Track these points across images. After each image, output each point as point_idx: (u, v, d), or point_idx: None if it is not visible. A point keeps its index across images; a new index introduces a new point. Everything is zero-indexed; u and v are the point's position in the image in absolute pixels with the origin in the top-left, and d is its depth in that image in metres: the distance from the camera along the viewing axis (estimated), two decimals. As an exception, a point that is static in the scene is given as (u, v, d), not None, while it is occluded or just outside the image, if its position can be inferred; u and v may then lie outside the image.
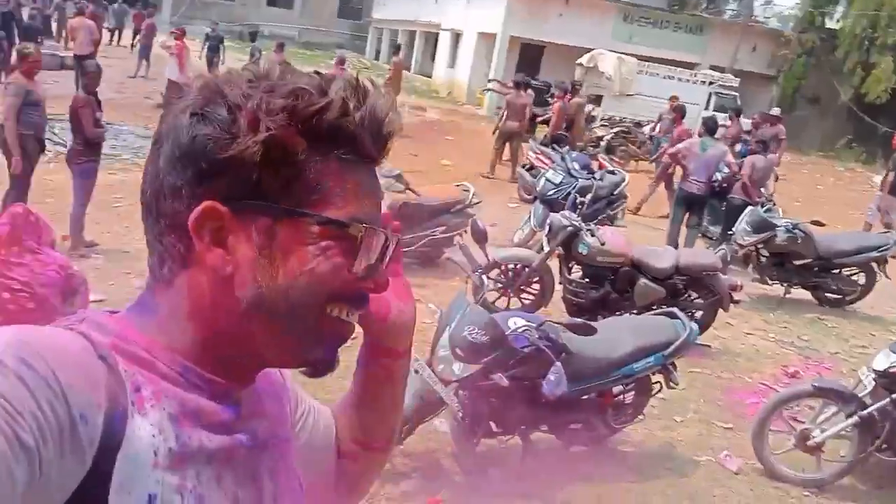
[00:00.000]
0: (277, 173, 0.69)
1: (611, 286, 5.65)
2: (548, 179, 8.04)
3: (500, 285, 6.15)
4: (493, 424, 3.71)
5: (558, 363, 3.47)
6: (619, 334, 3.93)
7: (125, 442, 0.62)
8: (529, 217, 7.85)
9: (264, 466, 0.80)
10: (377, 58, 33.31)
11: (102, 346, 0.65)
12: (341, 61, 13.49)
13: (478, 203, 7.21)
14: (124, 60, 17.68)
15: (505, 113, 12.66)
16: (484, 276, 3.83)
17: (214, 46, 16.53)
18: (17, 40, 13.49)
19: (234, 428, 0.75)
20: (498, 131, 12.68)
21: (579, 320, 3.59)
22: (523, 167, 10.20)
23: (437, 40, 27.90)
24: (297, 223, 0.70)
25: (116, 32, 22.30)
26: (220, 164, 0.68)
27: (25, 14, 17.45)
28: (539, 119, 14.07)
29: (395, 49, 18.12)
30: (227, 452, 0.74)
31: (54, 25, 20.87)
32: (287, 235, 0.70)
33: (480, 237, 3.87)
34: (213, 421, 0.73)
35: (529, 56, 23.98)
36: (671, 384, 4.06)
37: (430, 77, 27.80)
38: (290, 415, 0.92)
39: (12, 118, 5.92)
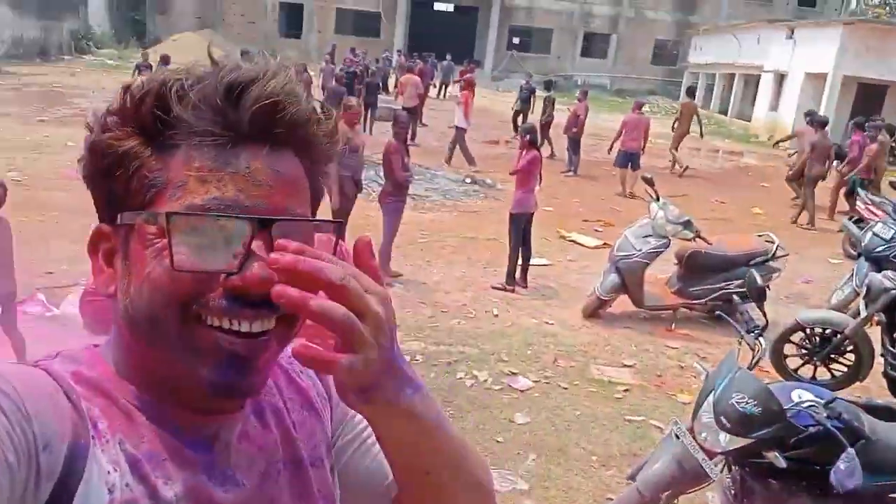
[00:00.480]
0: (116, 179, 0.65)
1: (947, 365, 4.64)
2: (875, 234, 6.92)
3: (804, 352, 5.40)
4: (771, 510, 3.21)
5: (851, 450, 2.89)
6: (944, 425, 3.16)
7: (86, 476, 0.60)
8: (852, 276, 6.82)
9: (263, 500, 0.73)
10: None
11: (65, 380, 0.64)
12: (639, 105, 13.25)
13: (784, 256, 6.46)
14: (450, 112, 19.42)
15: (809, 156, 11.38)
16: (761, 339, 3.36)
17: (526, 98, 17.30)
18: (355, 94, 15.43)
19: (210, 467, 0.69)
20: (804, 178, 11.46)
21: (882, 402, 2.96)
22: (850, 219, 8.96)
23: (758, 82, 26.10)
24: (140, 227, 0.64)
25: (443, 86, 24.57)
26: (87, 185, 0.69)
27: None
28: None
29: (689, 91, 17.45)
30: (198, 494, 0.67)
31: (392, 81, 23.70)
32: (134, 242, 0.65)
33: (757, 294, 3.42)
34: (178, 460, 0.67)
35: (868, 96, 21.22)
36: None
37: (748, 121, 26.05)
38: (327, 430, 0.83)
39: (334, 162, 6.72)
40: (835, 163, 11.85)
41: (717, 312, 3.87)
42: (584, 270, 7.68)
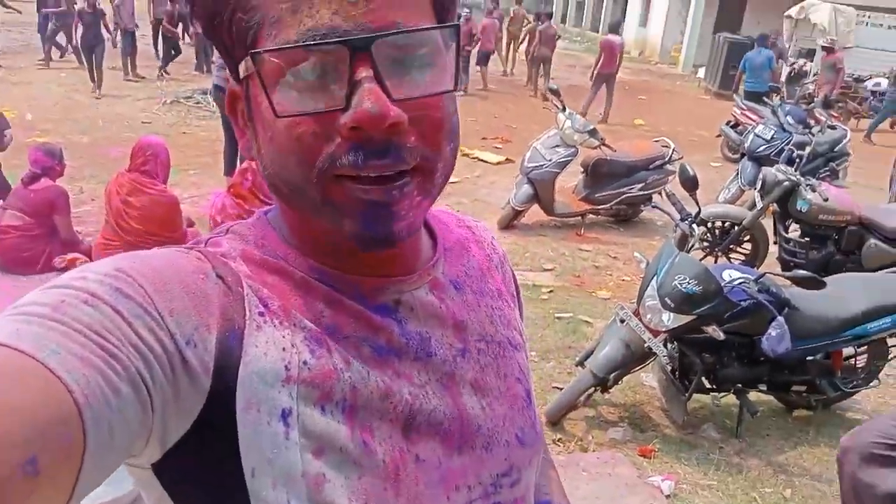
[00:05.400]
0: (225, 27, 0.57)
1: (834, 246, 5.16)
2: (757, 135, 7.48)
3: (706, 244, 5.83)
4: (705, 380, 3.53)
5: (780, 318, 3.22)
6: (850, 291, 3.56)
7: (246, 360, 0.56)
8: (737, 175, 7.36)
9: (462, 375, 0.69)
10: (563, 21, 32.66)
11: (221, 262, 0.61)
12: (489, 12, 14.98)
13: (679, 159, 6.85)
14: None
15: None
16: (694, 225, 3.61)
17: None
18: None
19: (398, 336, 0.65)
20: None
21: (804, 273, 3.28)
22: (727, 124, 9.57)
23: (627, -1, 26.84)
24: (251, 81, 0.57)
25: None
26: (208, 40, 0.62)
27: None
28: None
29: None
30: (390, 364, 0.63)
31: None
32: (251, 98, 0.59)
33: (690, 184, 3.65)
34: (363, 327, 0.63)
35: (729, 9, 22.34)
36: (910, 349, 3.64)
37: (619, 38, 26.84)
38: (519, 323, 0.80)
39: None
40: None
41: (652, 204, 4.11)
42: (491, 185, 7.83)
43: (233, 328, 0.57)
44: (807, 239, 5.24)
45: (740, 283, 3.33)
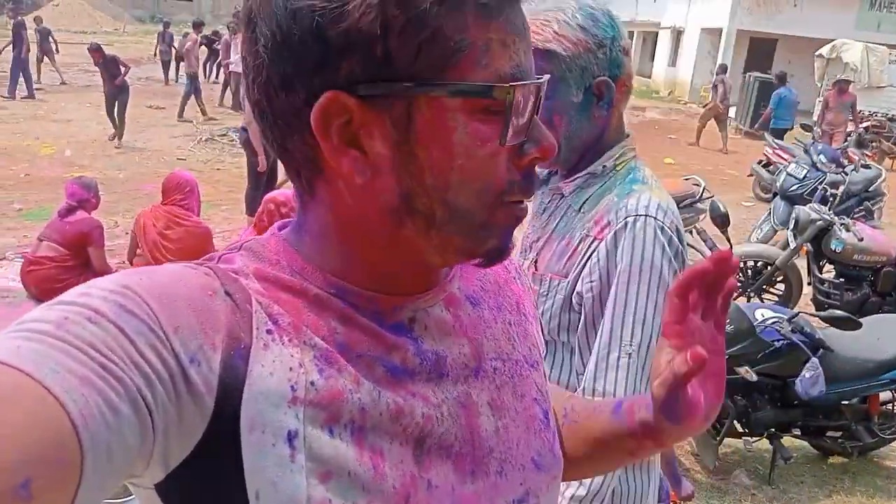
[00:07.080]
0: (405, 41, 0.53)
1: (870, 288, 5.04)
2: (790, 174, 7.39)
3: (738, 284, 5.72)
4: (737, 424, 3.44)
5: (815, 360, 3.15)
6: (887, 333, 3.46)
7: (251, 379, 0.55)
8: (769, 214, 7.27)
9: (478, 395, 0.67)
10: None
11: (234, 280, 0.59)
12: None
13: (710, 198, 6.78)
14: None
15: None
16: (727, 263, 3.56)
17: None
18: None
19: (412, 355, 0.64)
20: None
21: (839, 312, 3.21)
22: (759, 163, 9.50)
23: (656, 39, 26.98)
24: (436, 103, 0.55)
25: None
26: (335, 42, 0.53)
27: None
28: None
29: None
30: (403, 384, 0.62)
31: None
32: (426, 121, 0.55)
33: (721, 220, 3.60)
34: (378, 347, 0.62)
35: (760, 50, 22.36)
36: (953, 396, 3.52)
37: (648, 77, 26.95)
38: (540, 339, 0.80)
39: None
40: None
41: (687, 243, 4.06)
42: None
43: (239, 347, 0.55)
44: (841, 280, 5.13)
45: (773, 323, 3.26)
